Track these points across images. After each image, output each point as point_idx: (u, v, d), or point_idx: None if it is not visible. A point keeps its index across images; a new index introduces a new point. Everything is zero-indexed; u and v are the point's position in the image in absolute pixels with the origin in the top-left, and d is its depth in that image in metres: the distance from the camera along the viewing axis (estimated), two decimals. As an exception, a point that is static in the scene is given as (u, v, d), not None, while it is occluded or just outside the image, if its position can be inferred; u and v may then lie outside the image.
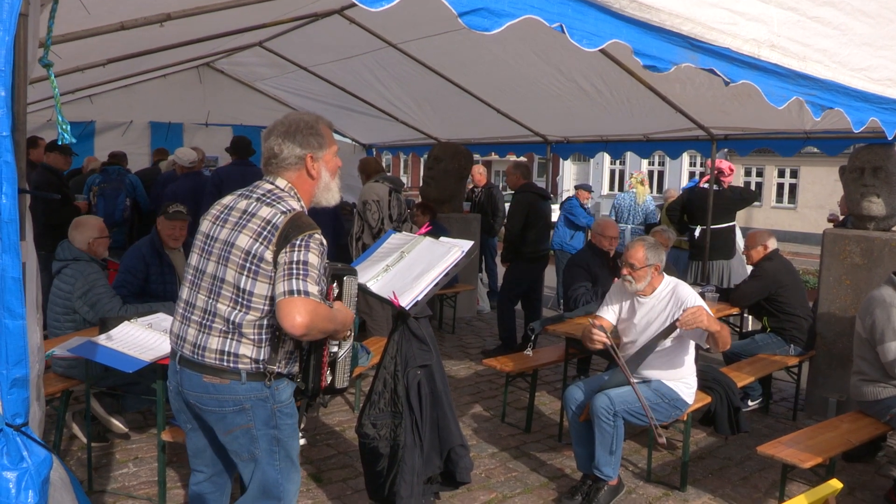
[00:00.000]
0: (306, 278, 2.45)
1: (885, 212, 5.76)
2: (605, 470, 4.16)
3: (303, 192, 2.74)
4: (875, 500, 4.44)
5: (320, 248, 2.56)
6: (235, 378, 2.59)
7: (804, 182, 27.32)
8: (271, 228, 2.54)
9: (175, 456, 4.59)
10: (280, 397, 2.68)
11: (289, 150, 2.69)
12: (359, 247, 6.62)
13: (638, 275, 4.24)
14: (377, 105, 9.30)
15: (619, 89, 6.71)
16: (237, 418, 2.64)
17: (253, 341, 2.58)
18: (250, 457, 2.70)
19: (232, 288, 2.56)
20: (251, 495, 2.78)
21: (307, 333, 2.45)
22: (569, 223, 10.20)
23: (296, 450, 2.82)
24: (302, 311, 2.40)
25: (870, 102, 4.06)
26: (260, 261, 2.52)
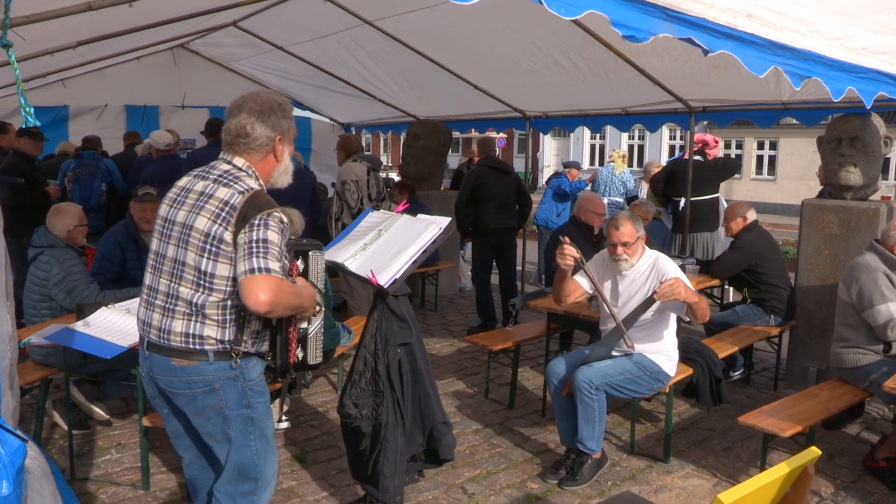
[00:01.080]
0: (267, 255, 2.44)
1: (863, 181, 5.77)
2: (588, 444, 4.18)
3: (262, 173, 2.73)
4: (853, 466, 4.50)
5: (280, 225, 2.54)
6: (203, 359, 2.58)
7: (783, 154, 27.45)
8: (229, 209, 2.52)
9: (158, 441, 4.56)
10: (250, 375, 2.67)
11: (261, 131, 2.66)
12: (338, 227, 6.57)
13: (632, 250, 4.21)
14: (355, 84, 9.21)
15: (597, 63, 6.67)
16: (208, 399, 2.63)
17: (217, 322, 2.57)
18: (224, 437, 2.69)
19: (193, 270, 2.55)
20: (227, 478, 2.76)
21: (272, 310, 2.45)
22: (557, 198, 10.18)
23: (270, 429, 2.81)
24: (265, 288, 2.39)
25: (846, 72, 4.05)
26: (220, 242, 2.50)
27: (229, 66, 9.87)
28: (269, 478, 2.84)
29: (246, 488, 2.79)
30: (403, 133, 10.25)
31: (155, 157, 7.80)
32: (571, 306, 5.10)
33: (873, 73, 4.24)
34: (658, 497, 4.04)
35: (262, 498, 2.84)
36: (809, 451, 2.28)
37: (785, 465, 2.19)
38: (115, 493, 3.97)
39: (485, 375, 5.86)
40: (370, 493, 3.48)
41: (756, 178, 28.31)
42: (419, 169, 9.21)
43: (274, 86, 10.19)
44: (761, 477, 2.11)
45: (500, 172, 7.38)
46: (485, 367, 5.98)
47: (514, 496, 4.06)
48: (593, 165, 33.06)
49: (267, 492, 2.86)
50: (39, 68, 7.11)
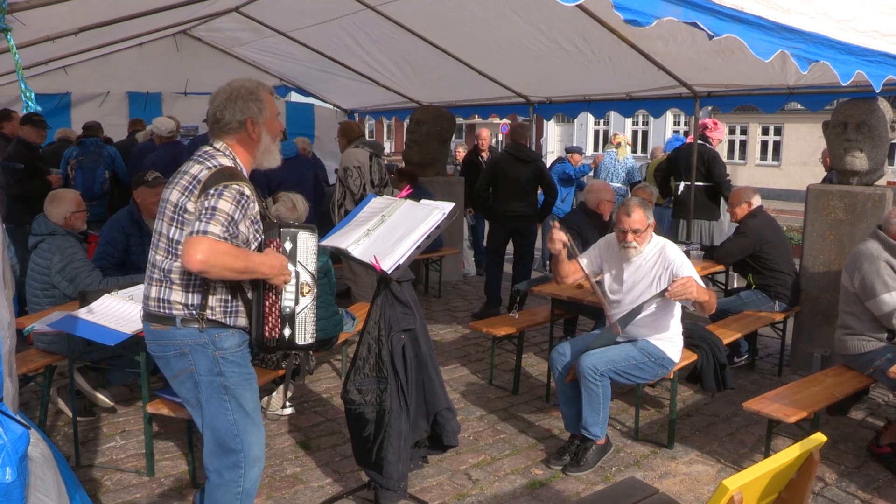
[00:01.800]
0: (210, 220, 2.57)
1: (869, 166, 5.73)
2: (592, 430, 4.17)
3: (242, 155, 2.87)
4: (858, 452, 4.49)
5: (236, 196, 2.66)
6: (172, 324, 2.74)
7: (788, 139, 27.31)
8: (195, 182, 2.69)
9: (162, 428, 4.57)
10: (222, 344, 2.78)
11: (230, 115, 2.82)
12: (341, 213, 6.55)
13: (642, 238, 4.19)
14: (357, 69, 9.16)
15: (601, 47, 6.62)
16: (179, 363, 2.78)
17: (181, 286, 2.71)
18: (196, 402, 2.82)
19: (166, 239, 2.73)
20: (209, 450, 2.87)
21: (205, 270, 2.55)
22: (561, 183, 10.13)
23: (251, 401, 2.88)
24: (198, 248, 2.51)
25: (855, 55, 4.00)
26: (184, 211, 2.67)
27: (232, 52, 9.83)
28: (255, 451, 2.90)
29: (230, 461, 2.85)
30: (407, 119, 10.21)
31: (157, 144, 7.78)
32: (575, 292, 5.10)
33: (882, 55, 4.19)
34: (662, 483, 4.04)
35: (249, 472, 2.88)
36: (815, 436, 2.26)
37: (791, 451, 2.18)
38: (120, 480, 3.97)
39: (489, 361, 5.85)
40: (374, 480, 3.48)
41: (760, 164, 28.19)
42: (422, 155, 9.17)
43: (276, 72, 10.15)
44: (767, 462, 2.10)
45: (518, 160, 7.39)
46: (488, 354, 5.97)
47: (519, 482, 4.06)
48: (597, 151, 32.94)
49: (255, 467, 2.90)
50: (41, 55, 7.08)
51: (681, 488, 4.02)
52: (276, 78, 10.51)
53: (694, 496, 3.93)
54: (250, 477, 2.89)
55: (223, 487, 2.87)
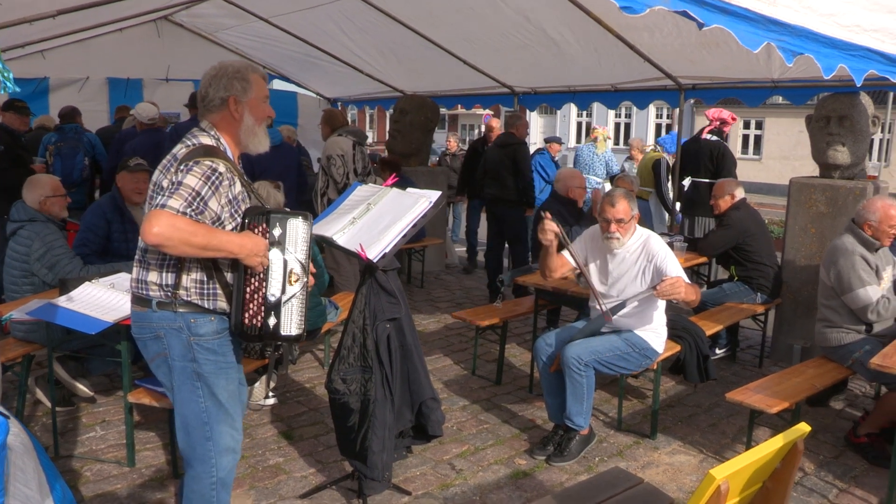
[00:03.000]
0: (173, 195, 2.51)
1: (850, 160, 5.78)
2: (576, 420, 4.18)
3: (227, 134, 2.82)
4: (837, 442, 4.55)
5: (206, 172, 2.59)
6: (149, 306, 2.71)
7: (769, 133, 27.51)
8: (172, 159, 2.66)
9: (143, 418, 4.54)
10: (197, 330, 2.73)
11: (214, 92, 2.79)
12: (324, 202, 6.51)
13: (625, 228, 4.19)
14: (341, 57, 9.10)
15: (587, 38, 6.62)
16: (154, 345, 2.76)
17: (157, 266, 2.69)
18: (170, 386, 2.81)
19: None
20: (180, 437, 2.85)
21: (161, 244, 2.47)
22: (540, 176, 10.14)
23: (225, 391, 2.81)
24: (156, 222, 2.44)
25: (838, 49, 4.02)
26: (160, 188, 2.62)
27: (214, 38, 9.73)
28: (226, 441, 2.84)
29: (199, 451, 2.81)
30: (390, 108, 10.16)
31: (139, 130, 7.68)
32: (559, 283, 5.10)
33: (865, 50, 4.22)
34: (645, 473, 4.06)
35: (220, 462, 2.83)
36: (799, 427, 2.29)
37: (775, 441, 2.19)
38: (100, 471, 3.93)
39: (472, 352, 5.85)
40: (358, 470, 3.47)
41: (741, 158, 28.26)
42: (406, 144, 9.14)
43: (259, 59, 10.05)
44: (753, 452, 2.11)
45: (498, 147, 7.72)
46: (472, 344, 5.97)
47: (502, 472, 4.07)
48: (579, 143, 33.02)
49: (226, 457, 2.85)
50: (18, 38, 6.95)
51: (663, 478, 4.04)
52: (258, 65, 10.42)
53: (676, 486, 3.96)
54: (223, 466, 2.84)
55: (197, 479, 2.85)
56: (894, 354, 3.58)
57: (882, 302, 4.27)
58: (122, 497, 3.67)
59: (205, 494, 2.86)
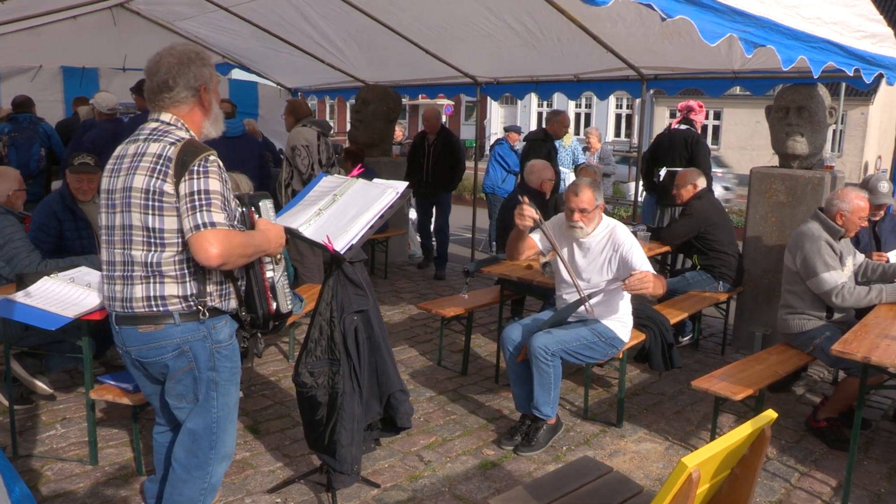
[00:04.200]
0: (210, 208, 2.43)
1: (809, 150, 5.88)
2: (543, 409, 4.20)
3: (193, 125, 2.70)
4: (797, 427, 4.64)
5: (219, 171, 2.53)
6: (169, 321, 2.56)
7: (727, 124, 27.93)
8: (164, 161, 2.49)
9: (106, 415, 4.45)
10: (217, 337, 2.66)
11: (184, 83, 2.64)
12: (288, 193, 6.44)
13: (589, 217, 4.20)
14: (302, 47, 8.99)
15: (550, 28, 6.62)
16: (177, 362, 2.62)
17: (176, 278, 2.54)
18: (193, 398, 2.69)
19: (141, 231, 2.52)
20: (183, 444, 2.75)
21: (225, 263, 2.45)
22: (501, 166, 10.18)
23: (234, 397, 2.79)
24: (213, 242, 2.39)
25: (800, 41, 4.09)
26: (161, 195, 2.47)
27: (172, 26, 9.51)
28: (227, 448, 2.81)
29: (200, 458, 2.75)
30: (351, 99, 10.08)
31: (98, 120, 7.50)
32: (524, 273, 5.11)
33: (824, 42, 4.30)
34: (612, 461, 4.10)
35: (217, 469, 2.80)
36: (766, 413, 2.31)
37: (744, 428, 2.22)
38: (62, 470, 3.84)
39: (437, 343, 5.85)
40: (327, 463, 3.44)
41: (700, 148, 28.73)
42: (368, 135, 9.09)
43: (219, 48, 9.89)
44: (723, 440, 2.14)
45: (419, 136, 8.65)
46: (437, 335, 5.97)
47: (471, 463, 4.08)
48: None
49: (223, 464, 2.83)
50: (-35, 25, 6.76)
51: (630, 466, 4.08)
52: (218, 54, 10.25)
53: (643, 473, 4.00)
54: (217, 473, 2.81)
55: (189, 483, 2.78)
56: (854, 340, 3.65)
57: (846, 287, 4.35)
58: (84, 496, 3.59)
59: (194, 499, 2.80)
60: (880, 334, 3.77)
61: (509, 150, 10.30)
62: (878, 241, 5.30)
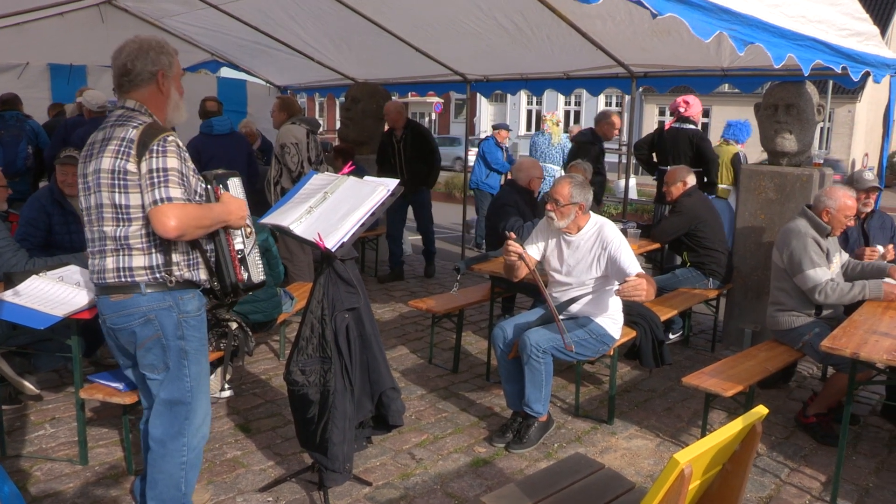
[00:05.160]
0: (167, 184, 2.63)
1: (798, 148, 5.92)
2: (535, 406, 4.21)
3: (156, 110, 2.85)
4: (787, 423, 4.67)
5: (177, 150, 2.71)
6: (137, 291, 2.76)
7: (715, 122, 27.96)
8: (127, 143, 2.67)
9: (95, 414, 4.43)
10: (185, 307, 2.84)
11: (141, 66, 2.80)
12: (277, 191, 6.43)
13: (561, 211, 4.21)
14: (292, 45, 8.96)
15: (540, 26, 6.63)
16: (144, 329, 2.80)
17: (143, 251, 2.74)
18: (164, 367, 2.84)
19: (110, 208, 2.71)
20: (158, 414, 2.89)
21: (183, 234, 2.66)
22: (485, 163, 10.23)
23: (205, 367, 2.96)
24: (170, 215, 2.59)
25: (786, 38, 4.12)
26: (125, 174, 2.66)
27: (160, 24, 9.46)
28: (199, 417, 2.95)
29: (175, 428, 2.90)
30: (341, 97, 10.06)
31: (87, 119, 7.44)
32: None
33: (810, 40, 4.33)
34: (603, 458, 4.11)
35: (192, 440, 2.93)
36: (757, 409, 2.33)
37: (735, 424, 2.23)
38: (51, 470, 3.82)
39: (428, 340, 5.86)
40: (318, 461, 3.44)
41: (689, 145, 28.81)
42: (358, 132, 9.09)
43: (207, 46, 9.86)
44: (714, 436, 2.15)
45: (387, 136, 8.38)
46: (428, 332, 5.97)
47: (462, 461, 4.08)
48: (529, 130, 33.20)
49: (198, 435, 2.97)
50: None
51: (622, 463, 4.10)
52: (206, 52, 10.22)
53: (635, 470, 4.02)
54: (193, 447, 2.94)
55: (167, 458, 2.90)
56: (843, 336, 3.68)
57: (830, 284, 4.38)
58: (74, 496, 3.58)
59: (173, 474, 2.91)
60: (869, 330, 3.80)
61: (494, 146, 10.32)
62: (867, 238, 5.34)
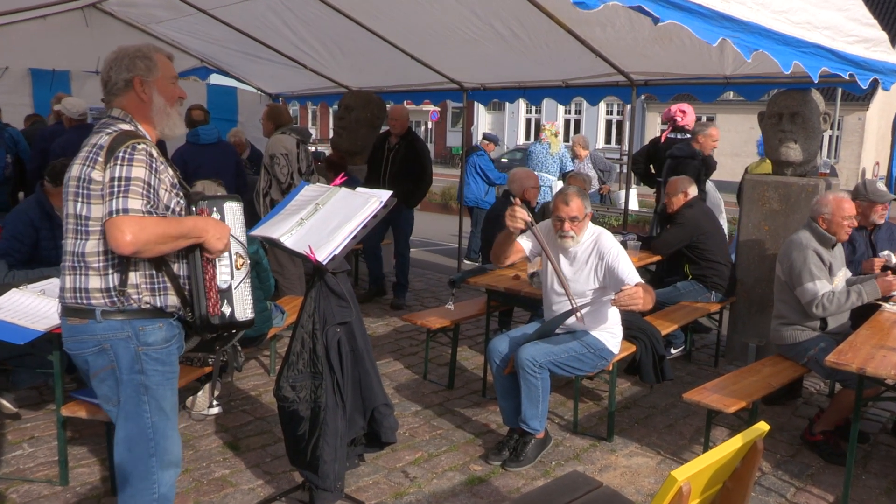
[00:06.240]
0: (127, 194, 2.48)
1: (803, 157, 5.95)
2: (531, 423, 4.22)
3: (141, 119, 2.77)
4: (792, 440, 4.68)
5: (147, 159, 2.57)
6: (91, 317, 2.61)
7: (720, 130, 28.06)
8: (97, 149, 2.58)
9: (77, 432, 4.42)
10: (146, 339, 2.66)
11: (116, 75, 2.74)
12: (266, 203, 6.46)
13: (579, 227, 4.22)
14: (283, 51, 9.01)
15: (538, 33, 6.67)
16: (98, 360, 2.66)
17: (98, 270, 2.58)
18: (117, 401, 2.70)
19: (73, 218, 2.60)
20: (120, 453, 2.74)
21: (140, 250, 2.48)
22: (485, 178, 10.23)
23: (171, 402, 2.79)
24: (124, 229, 2.43)
25: (791, 46, 4.15)
26: (89, 183, 2.55)
27: (148, 29, 9.50)
28: (170, 455, 2.80)
29: (142, 468, 2.74)
30: (334, 105, 10.10)
31: (67, 127, 7.46)
32: (512, 283, 5.14)
33: (816, 47, 4.36)
34: (603, 476, 4.12)
35: (162, 477, 2.79)
36: (758, 426, 2.34)
37: (735, 441, 2.25)
38: (29, 491, 3.81)
39: (423, 355, 5.86)
40: (309, 480, 3.45)
41: (692, 155, 28.90)
42: (351, 142, 9.11)
43: (197, 52, 9.91)
44: (713, 453, 2.17)
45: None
46: (422, 347, 5.98)
47: (457, 479, 4.09)
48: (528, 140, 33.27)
49: (168, 472, 2.81)
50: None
51: (621, 481, 4.11)
52: (196, 59, 10.26)
53: (635, 489, 4.03)
54: (165, 482, 2.80)
55: (136, 497, 2.78)
56: (849, 351, 3.70)
57: (826, 295, 4.40)
58: (55, 516, 3.58)
59: None
60: (876, 345, 3.82)
61: (489, 161, 10.31)
62: (874, 250, 5.37)
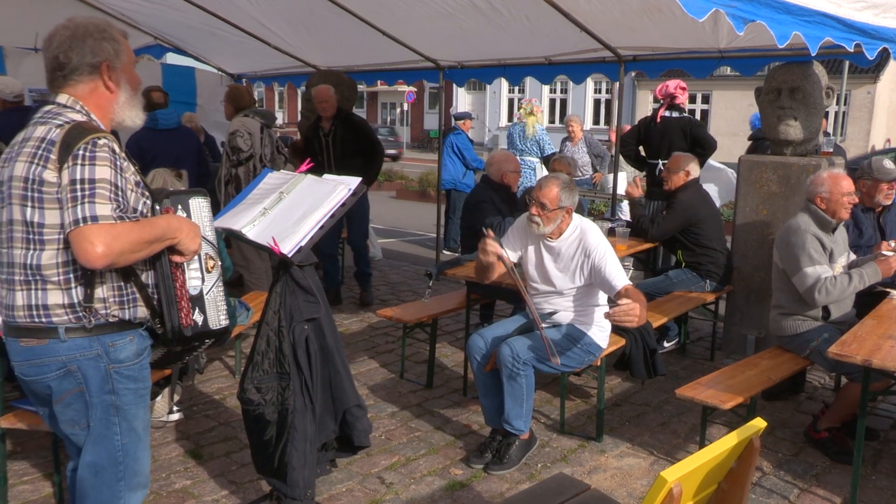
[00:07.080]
0: (93, 199, 2.30)
1: (803, 136, 5.96)
2: (515, 423, 4.23)
3: (97, 109, 2.56)
4: (795, 438, 4.71)
5: (110, 155, 2.39)
6: (54, 336, 2.44)
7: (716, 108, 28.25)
8: (47, 145, 2.37)
9: (19, 446, 4.36)
10: (117, 356, 2.52)
11: (78, 58, 2.49)
12: (229, 191, 6.41)
13: (548, 216, 4.22)
14: (246, 28, 8.92)
15: (518, 6, 6.64)
16: (64, 384, 2.50)
17: (59, 284, 2.41)
18: (85, 425, 2.56)
19: (21, 226, 2.39)
20: (85, 478, 2.60)
21: (113, 262, 2.33)
22: (461, 159, 10.23)
23: (143, 420, 2.68)
24: (94, 240, 2.26)
25: (792, 15, 4.13)
26: (41, 184, 2.35)
27: (95, 3, 9.37)
28: (140, 478, 2.70)
29: (108, 493, 2.63)
30: (302, 85, 10.03)
31: (2, 110, 7.31)
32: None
33: (820, 15, 4.33)
34: (592, 478, 4.14)
35: (131, 500, 2.69)
36: (754, 423, 2.35)
37: (729, 439, 2.25)
38: (-34, 512, 3.77)
39: (399, 353, 5.86)
40: (277, 489, 3.44)
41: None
42: (320, 125, 9.04)
43: (149, 27, 9.77)
44: (705, 452, 2.17)
45: None
46: (399, 344, 5.98)
47: (437, 484, 4.09)
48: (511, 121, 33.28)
49: (136, 495, 2.71)
50: None
51: (612, 483, 4.13)
52: (149, 35, 10.13)
53: (626, 491, 4.05)
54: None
55: None
56: (853, 342, 3.70)
57: (829, 279, 4.40)
58: (0, 534, 3.54)
59: None
60: (883, 335, 3.81)
61: (468, 140, 10.29)
62: (883, 233, 5.39)
